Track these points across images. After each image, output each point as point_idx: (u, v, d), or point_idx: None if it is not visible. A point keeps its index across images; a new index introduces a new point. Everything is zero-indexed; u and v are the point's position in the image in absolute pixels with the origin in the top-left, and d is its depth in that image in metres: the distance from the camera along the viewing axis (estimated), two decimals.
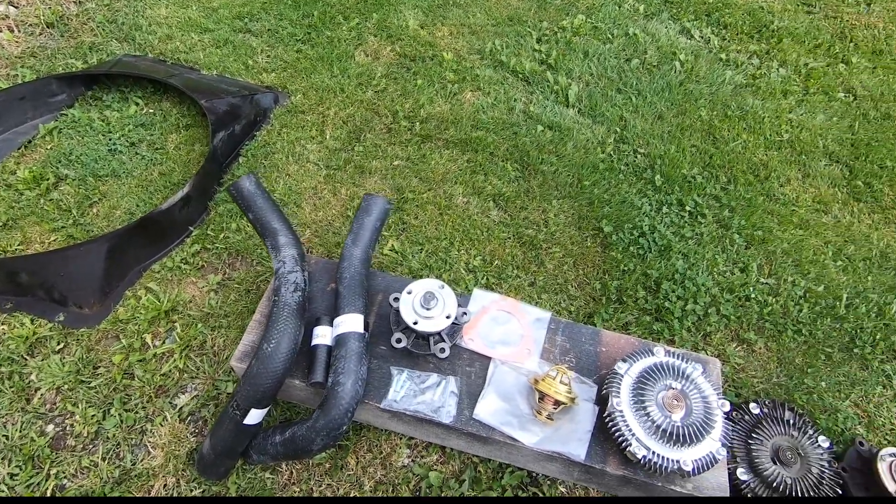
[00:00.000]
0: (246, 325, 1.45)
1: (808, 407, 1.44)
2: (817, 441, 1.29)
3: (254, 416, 1.16)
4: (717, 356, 1.50)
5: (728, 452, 1.17)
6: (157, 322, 1.51)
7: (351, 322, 1.23)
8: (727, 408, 1.15)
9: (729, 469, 1.25)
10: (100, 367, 1.44)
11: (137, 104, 2.12)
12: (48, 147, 1.96)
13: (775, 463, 1.25)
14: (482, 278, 1.64)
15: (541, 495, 1.28)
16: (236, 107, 2.01)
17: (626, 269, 1.68)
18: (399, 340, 1.23)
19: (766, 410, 1.35)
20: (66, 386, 1.40)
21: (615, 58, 2.44)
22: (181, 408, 1.37)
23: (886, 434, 1.42)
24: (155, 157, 1.94)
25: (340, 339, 1.22)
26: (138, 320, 1.51)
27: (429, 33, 2.50)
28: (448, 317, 1.21)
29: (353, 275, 1.32)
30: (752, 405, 1.36)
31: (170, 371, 1.43)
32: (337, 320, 1.25)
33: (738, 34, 2.63)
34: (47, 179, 1.83)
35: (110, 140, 1.98)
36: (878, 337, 1.58)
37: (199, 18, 2.48)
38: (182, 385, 1.41)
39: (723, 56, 2.50)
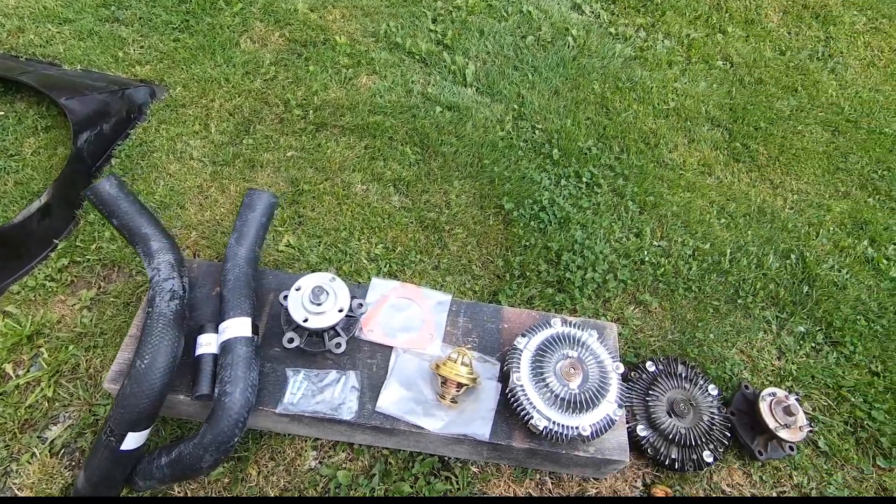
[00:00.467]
0: None
1: (700, 359, 1.52)
2: (707, 390, 1.37)
3: (132, 441, 1.06)
4: (616, 320, 1.55)
5: (627, 412, 1.21)
6: (18, 349, 1.35)
7: (237, 326, 1.15)
8: (621, 370, 1.18)
9: (629, 427, 1.29)
10: None
11: None
12: None
13: (671, 416, 1.31)
14: (385, 266, 1.60)
15: (453, 478, 1.27)
16: (104, 104, 1.82)
17: (527, 243, 1.70)
18: (291, 340, 1.17)
19: (661, 367, 1.41)
20: None
21: (510, 35, 2.45)
22: (52, 441, 1.24)
23: (768, 375, 1.53)
24: (9, 165, 1.72)
25: (226, 346, 1.13)
26: None
27: (319, 17, 2.39)
28: (341, 310, 1.16)
29: (237, 276, 1.23)
30: (648, 363, 1.41)
31: (37, 402, 1.28)
32: (222, 326, 1.17)
33: (625, 8, 2.71)
34: None
35: None
36: (758, 286, 1.70)
37: (57, 7, 2.23)
38: (52, 416, 1.27)
39: (612, 30, 2.57)
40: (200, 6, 2.32)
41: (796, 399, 1.33)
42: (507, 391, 1.17)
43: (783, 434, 1.29)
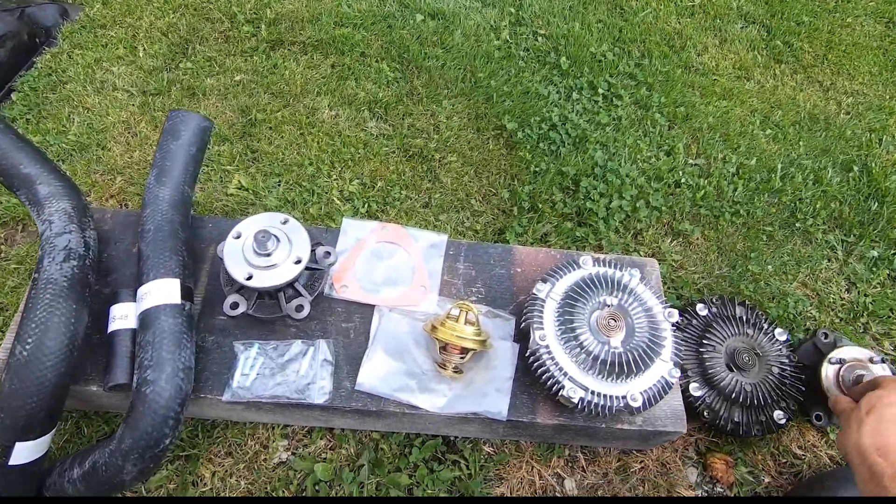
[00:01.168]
0: None
1: (757, 296, 1.24)
2: (774, 335, 1.09)
3: (23, 454, 0.78)
4: (651, 256, 1.26)
5: (680, 370, 0.94)
6: None
7: (160, 291, 0.85)
8: (675, 318, 0.90)
9: (681, 386, 1.02)
10: None
11: None
12: None
13: (731, 370, 1.04)
14: (363, 206, 1.29)
15: (462, 462, 1.01)
16: None
17: (537, 170, 1.38)
18: (235, 305, 0.87)
19: (714, 310, 1.13)
20: None
21: None
22: None
23: (838, 312, 1.26)
24: None
25: (146, 318, 0.84)
26: None
27: None
28: (298, 261, 0.86)
29: (159, 224, 0.92)
30: (699, 306, 1.13)
31: None
32: (140, 291, 0.87)
33: None
34: None
35: None
36: (818, 206, 1.40)
37: None
38: None
39: None
40: None
41: (882, 362, 1.03)
42: (527, 353, 0.89)
43: None
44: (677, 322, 0.92)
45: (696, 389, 1.03)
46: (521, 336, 0.96)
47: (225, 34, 1.63)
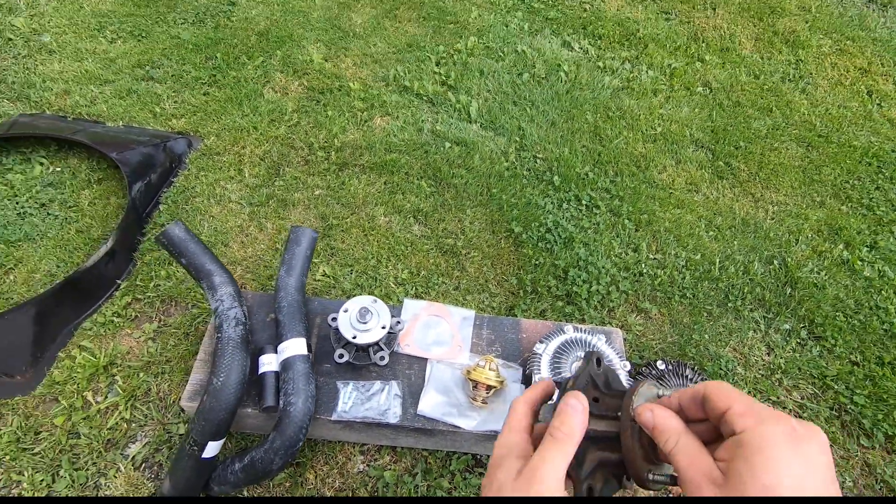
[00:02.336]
0: (190, 367, 1.50)
1: (698, 357, 1.70)
2: None
3: (211, 449, 1.23)
4: (620, 327, 1.73)
5: None
6: (96, 378, 1.52)
7: (295, 346, 1.34)
8: (628, 367, 1.36)
9: None
10: (41, 431, 1.44)
11: (42, 164, 2.09)
12: None
13: None
14: (411, 289, 1.79)
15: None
16: (150, 156, 2.04)
17: (537, 262, 1.89)
18: (341, 356, 1.35)
19: (670, 367, 1.59)
20: (7, 457, 1.39)
21: (508, 73, 2.69)
22: (133, 457, 1.40)
23: (759, 370, 1.71)
24: (69, 216, 1.92)
25: (287, 363, 1.31)
26: (76, 379, 1.51)
27: (334, 65, 2.63)
28: (384, 327, 1.34)
29: (290, 303, 1.42)
30: (658, 362, 1.59)
31: (116, 423, 1.45)
32: (281, 346, 1.35)
33: (611, 43, 2.96)
34: None
35: (17, 204, 1.94)
36: (745, 290, 1.88)
37: (97, 70, 2.46)
38: (131, 435, 1.44)
39: (600, 64, 2.81)
40: (225, 62, 2.56)
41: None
42: None
43: None
44: (631, 370, 1.37)
45: None
46: (526, 380, 1.42)
47: (305, 158, 2.22)
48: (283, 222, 1.96)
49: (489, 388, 1.34)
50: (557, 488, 0.45)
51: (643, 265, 1.92)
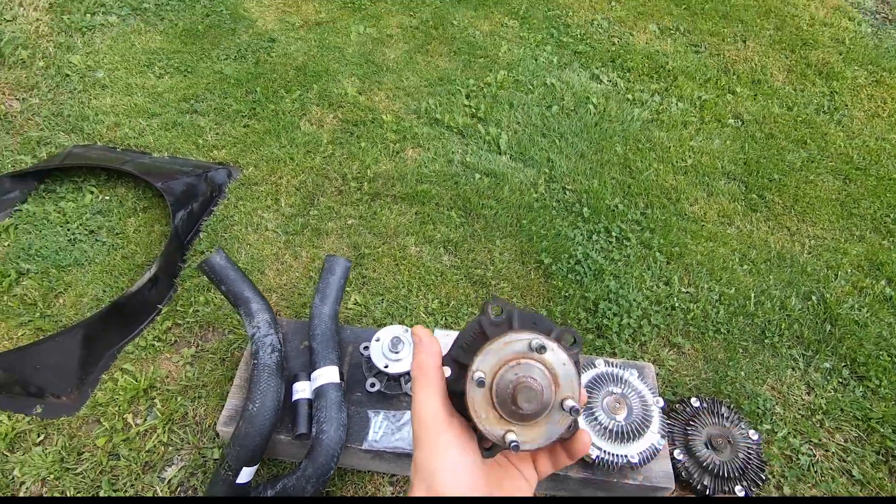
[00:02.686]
0: (226, 391, 1.54)
1: (734, 395, 1.66)
2: (748, 433, 1.50)
3: (246, 475, 1.26)
4: (652, 361, 1.71)
5: (668, 440, 1.36)
6: (136, 401, 1.57)
7: (328, 374, 1.36)
8: (661, 404, 1.34)
9: (669, 450, 1.43)
10: (84, 452, 1.48)
11: (92, 192, 2.20)
12: (5, 244, 2.00)
13: (708, 448, 1.45)
14: (441, 319, 1.80)
15: None
16: (192, 185, 2.13)
17: (567, 294, 1.89)
18: (373, 385, 1.37)
19: (704, 405, 1.55)
20: (51, 476, 1.43)
21: (537, 106, 2.73)
22: (169, 480, 1.44)
23: (798, 409, 1.65)
24: (116, 243, 2.02)
25: (320, 391, 1.34)
26: (118, 401, 1.57)
27: (367, 98, 2.72)
28: None
29: (324, 331, 1.45)
30: (693, 399, 1.56)
31: (154, 446, 1.49)
32: (314, 374, 1.38)
33: (640, 76, 2.99)
34: (9, 276, 1.87)
35: (69, 230, 2.05)
36: (783, 327, 1.84)
37: (146, 104, 2.60)
38: (168, 458, 1.48)
39: (629, 96, 2.84)
40: (265, 95, 2.67)
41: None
42: None
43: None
44: (665, 407, 1.35)
45: (679, 454, 1.44)
46: None
47: (339, 189, 2.28)
48: (316, 251, 2.01)
49: None
50: (434, 419, 0.47)
51: (675, 299, 1.90)
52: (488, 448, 0.48)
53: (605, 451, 1.26)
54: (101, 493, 1.41)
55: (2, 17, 2.77)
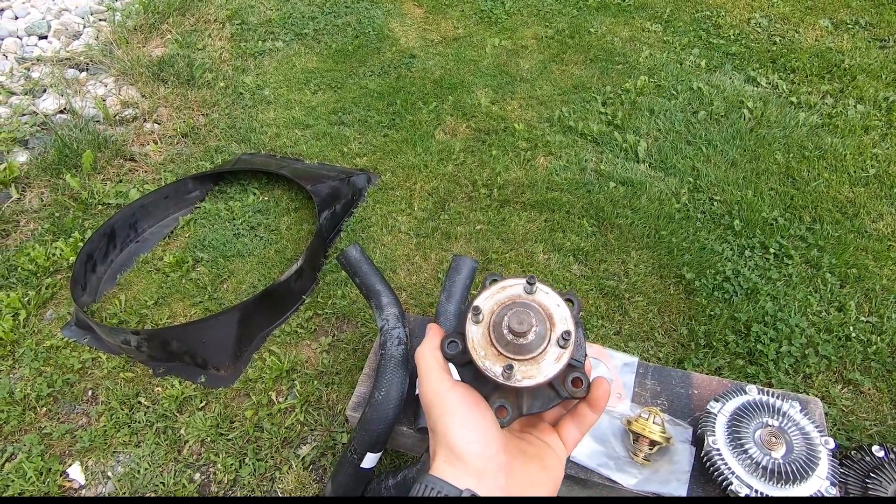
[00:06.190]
0: (356, 380, 1.62)
1: None
2: None
3: (369, 460, 1.30)
4: (820, 398, 1.46)
5: (841, 491, 1.14)
6: (280, 380, 1.72)
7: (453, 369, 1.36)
8: (831, 445, 1.13)
9: None
10: (235, 421, 1.65)
11: (255, 194, 2.49)
12: (186, 236, 2.34)
13: None
14: None
15: None
16: (336, 189, 2.31)
17: (712, 313, 1.70)
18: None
19: (891, 456, 1.29)
20: (208, 438, 1.62)
21: (681, 112, 2.54)
22: (303, 457, 1.54)
23: None
24: (271, 238, 2.25)
25: None
26: (265, 379, 1.73)
27: (500, 108, 2.74)
28: None
29: (448, 329, 1.46)
30: (875, 448, 1.30)
31: (292, 424, 1.61)
32: None
33: (807, 77, 2.65)
34: (187, 262, 2.17)
35: (234, 226, 2.33)
36: None
37: (301, 117, 2.89)
38: (303, 437, 1.59)
39: (793, 99, 2.52)
40: (404, 107, 2.82)
41: None
42: (701, 455, 1.19)
43: None
44: (836, 449, 1.14)
45: None
46: (697, 442, 1.26)
47: (469, 195, 2.32)
48: (445, 254, 2.05)
49: (653, 443, 1.22)
50: (439, 386, 0.50)
51: (851, 328, 1.61)
52: (504, 418, 0.49)
53: (756, 492, 1.10)
54: (247, 460, 1.56)
55: (195, 46, 3.28)
